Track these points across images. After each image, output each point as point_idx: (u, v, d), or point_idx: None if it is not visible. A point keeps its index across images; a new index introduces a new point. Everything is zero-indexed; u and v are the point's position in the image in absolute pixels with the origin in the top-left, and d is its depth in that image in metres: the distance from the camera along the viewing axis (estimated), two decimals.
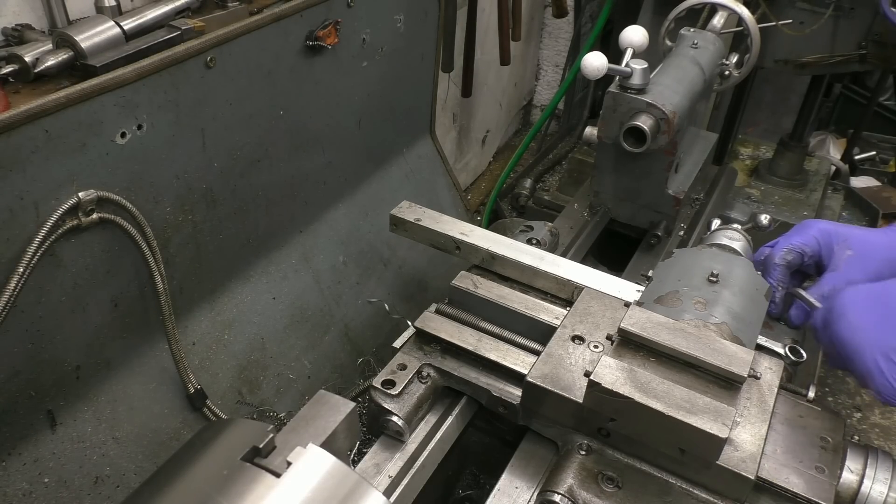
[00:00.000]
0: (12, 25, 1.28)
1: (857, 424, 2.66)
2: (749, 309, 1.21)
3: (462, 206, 2.53)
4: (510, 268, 1.41)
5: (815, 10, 2.56)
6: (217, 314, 1.66)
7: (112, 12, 1.35)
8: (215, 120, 1.49)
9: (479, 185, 3.78)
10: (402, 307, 2.14)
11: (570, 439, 1.10)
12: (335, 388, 1.88)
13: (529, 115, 4.34)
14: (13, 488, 1.25)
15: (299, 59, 1.67)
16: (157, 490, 0.74)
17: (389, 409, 1.15)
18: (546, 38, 4.10)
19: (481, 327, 1.28)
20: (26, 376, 1.26)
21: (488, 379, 1.22)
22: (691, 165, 1.88)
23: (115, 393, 1.43)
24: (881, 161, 3.91)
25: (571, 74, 3.38)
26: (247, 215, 1.68)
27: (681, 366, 1.07)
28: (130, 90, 1.27)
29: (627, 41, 1.62)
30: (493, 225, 1.89)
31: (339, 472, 0.71)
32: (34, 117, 1.12)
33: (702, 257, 1.32)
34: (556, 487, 1.02)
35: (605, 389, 1.00)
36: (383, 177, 2.20)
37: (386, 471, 1.12)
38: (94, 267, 1.32)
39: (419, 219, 1.51)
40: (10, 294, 1.15)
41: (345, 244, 2.03)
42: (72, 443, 1.34)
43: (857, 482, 1.03)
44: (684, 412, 0.97)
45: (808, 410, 1.12)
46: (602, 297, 1.29)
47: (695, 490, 1.03)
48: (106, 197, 1.28)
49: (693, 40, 1.83)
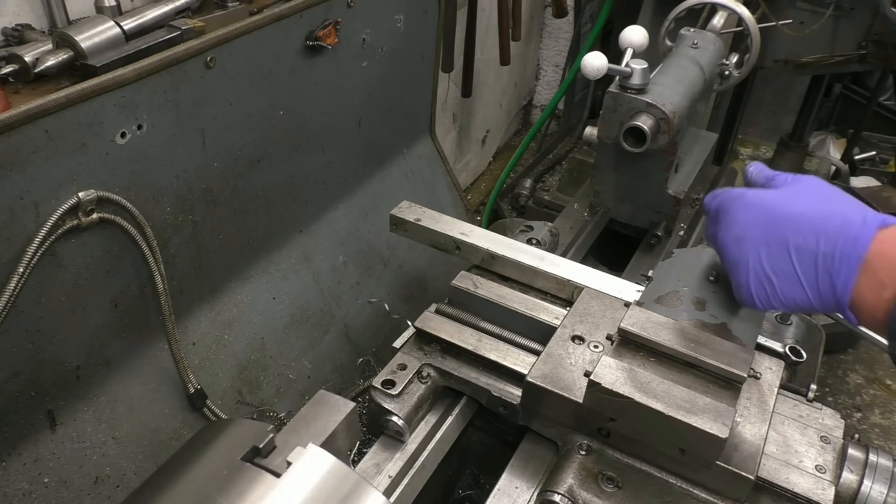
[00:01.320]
0: (12, 25, 1.28)
1: (857, 424, 2.67)
2: (749, 309, 1.21)
3: (462, 206, 2.53)
4: (510, 268, 1.41)
5: (815, 10, 2.56)
6: (217, 314, 1.66)
7: (112, 12, 1.35)
8: (215, 120, 1.49)
9: (479, 185, 3.78)
10: (402, 307, 2.14)
11: (570, 439, 1.10)
12: (335, 388, 1.88)
13: (529, 115, 4.34)
14: (13, 488, 1.25)
15: (299, 59, 1.67)
16: (157, 490, 0.75)
17: (389, 409, 1.15)
18: (546, 38, 4.10)
19: (481, 327, 1.28)
20: (26, 376, 1.26)
21: (488, 379, 1.22)
22: (691, 165, 1.88)
23: (115, 393, 1.43)
24: (881, 161, 3.91)
25: (571, 74, 3.38)
26: (247, 215, 1.68)
27: (681, 366, 1.07)
28: (130, 90, 1.27)
29: (627, 41, 1.62)
30: (493, 225, 1.89)
31: (339, 472, 0.71)
32: (34, 117, 1.12)
33: (702, 257, 1.32)
34: (556, 487, 1.02)
35: (605, 389, 1.00)
36: (383, 177, 2.20)
37: (386, 471, 1.11)
38: (94, 267, 1.32)
39: (419, 219, 1.51)
40: (10, 294, 1.15)
41: (345, 244, 2.03)
42: (72, 443, 1.34)
43: (857, 482, 1.03)
44: (684, 412, 0.97)
45: (808, 410, 1.12)
46: (602, 297, 1.29)
47: (695, 490, 1.03)
48: (106, 197, 1.28)
49: (693, 40, 1.83)
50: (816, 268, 0.94)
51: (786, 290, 0.98)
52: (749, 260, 1.00)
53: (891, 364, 2.93)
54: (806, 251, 0.95)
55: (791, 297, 0.98)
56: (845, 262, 0.92)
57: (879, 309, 0.91)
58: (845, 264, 0.92)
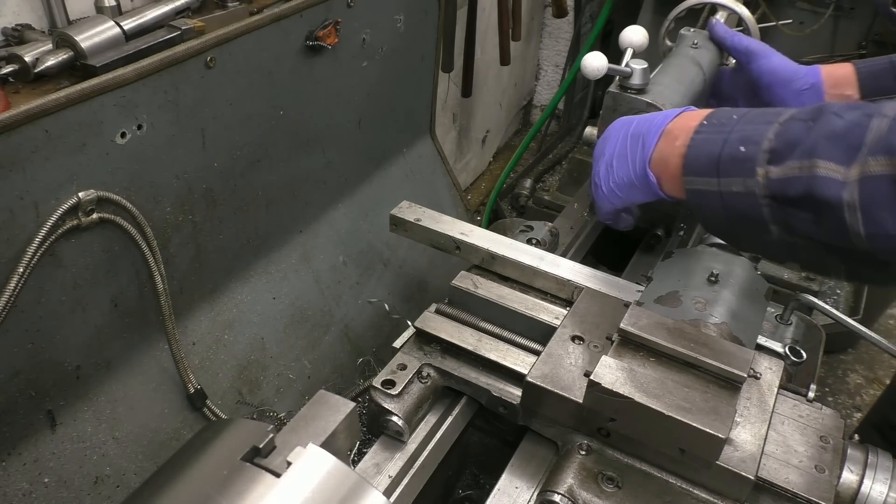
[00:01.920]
0: (12, 25, 1.28)
1: (858, 424, 2.67)
2: (749, 309, 1.21)
3: (462, 206, 2.53)
4: (510, 268, 1.41)
5: (815, 10, 2.56)
6: (217, 314, 1.66)
7: (112, 12, 1.35)
8: (215, 120, 1.49)
9: (479, 185, 3.78)
10: (402, 307, 2.14)
11: (570, 439, 1.10)
12: (335, 388, 1.88)
13: (529, 115, 4.34)
14: (13, 488, 1.25)
15: (299, 59, 1.67)
16: (157, 490, 0.74)
17: (389, 409, 1.15)
18: (546, 38, 4.10)
19: (481, 327, 1.28)
20: (26, 376, 1.26)
21: (488, 379, 1.22)
22: None
23: (115, 393, 1.43)
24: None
25: (571, 74, 3.38)
26: (247, 215, 1.68)
27: (681, 366, 1.07)
28: (130, 90, 1.27)
29: (627, 41, 1.61)
30: (493, 225, 1.89)
31: (339, 472, 0.71)
32: (34, 117, 1.12)
33: (702, 257, 1.32)
34: (556, 487, 1.02)
35: (605, 389, 1.00)
36: (383, 177, 2.20)
37: (386, 471, 1.11)
38: (94, 267, 1.32)
39: (419, 219, 1.51)
40: (10, 294, 1.15)
41: (345, 244, 2.03)
42: (72, 443, 1.34)
43: (857, 482, 1.03)
44: (684, 412, 0.97)
45: (808, 410, 1.12)
46: (602, 297, 1.29)
47: (695, 490, 1.03)
48: (106, 197, 1.28)
49: (693, 40, 1.83)
50: (636, 143, 1.20)
51: (620, 168, 1.23)
52: (605, 152, 1.27)
53: (891, 365, 2.94)
54: (634, 135, 1.22)
55: (621, 174, 1.23)
56: (652, 131, 1.18)
57: (674, 156, 1.12)
58: (652, 132, 1.18)
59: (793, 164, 0.94)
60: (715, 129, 1.07)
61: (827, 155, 0.91)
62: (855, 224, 0.89)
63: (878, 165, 0.86)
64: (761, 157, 0.98)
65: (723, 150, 1.03)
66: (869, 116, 0.90)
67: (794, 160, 0.94)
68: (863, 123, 0.90)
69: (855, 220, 0.89)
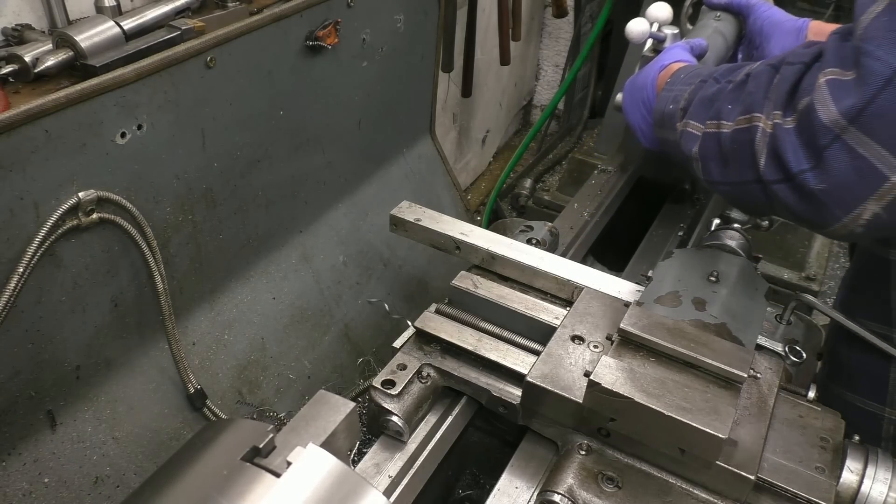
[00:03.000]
0: (12, 25, 1.28)
1: None
2: (749, 309, 1.21)
3: (462, 206, 2.53)
4: (510, 268, 1.41)
5: (815, 10, 2.56)
6: (217, 314, 1.66)
7: (112, 12, 1.35)
8: (215, 120, 1.49)
9: (479, 185, 3.78)
10: (402, 307, 2.14)
11: (570, 439, 1.10)
12: (335, 388, 1.88)
13: (529, 115, 4.35)
14: (13, 488, 1.25)
15: (299, 59, 1.67)
16: (157, 490, 0.74)
17: (389, 409, 1.14)
18: (546, 38, 4.10)
19: (481, 327, 1.28)
20: (26, 376, 1.26)
21: (488, 379, 1.22)
22: None
23: (115, 393, 1.43)
24: None
25: (571, 74, 3.38)
26: (247, 215, 1.68)
27: (681, 366, 1.07)
28: (130, 90, 1.27)
29: (653, 16, 1.74)
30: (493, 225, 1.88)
31: (339, 472, 0.71)
32: (34, 117, 1.12)
33: (702, 257, 1.32)
34: (556, 487, 1.02)
35: (605, 389, 1.00)
36: (383, 177, 2.20)
37: (386, 471, 1.11)
38: (94, 267, 1.32)
39: (419, 219, 1.51)
40: (10, 294, 1.15)
41: (345, 244, 2.03)
42: (72, 443, 1.34)
43: (857, 482, 1.03)
44: (684, 412, 0.97)
45: (808, 410, 1.12)
46: (602, 297, 1.29)
47: (695, 490, 1.03)
48: (106, 197, 1.28)
49: (716, 14, 1.88)
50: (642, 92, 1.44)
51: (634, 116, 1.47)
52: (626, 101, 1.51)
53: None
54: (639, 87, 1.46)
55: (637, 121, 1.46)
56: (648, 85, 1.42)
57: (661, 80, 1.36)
58: (648, 86, 1.42)
59: (685, 122, 1.16)
60: (668, 87, 1.29)
61: (694, 115, 1.13)
62: (697, 171, 1.13)
63: (711, 126, 1.08)
64: (678, 115, 1.19)
65: (665, 106, 1.25)
66: (729, 83, 1.09)
67: (687, 118, 1.16)
68: (723, 89, 1.10)
69: (697, 168, 1.13)
